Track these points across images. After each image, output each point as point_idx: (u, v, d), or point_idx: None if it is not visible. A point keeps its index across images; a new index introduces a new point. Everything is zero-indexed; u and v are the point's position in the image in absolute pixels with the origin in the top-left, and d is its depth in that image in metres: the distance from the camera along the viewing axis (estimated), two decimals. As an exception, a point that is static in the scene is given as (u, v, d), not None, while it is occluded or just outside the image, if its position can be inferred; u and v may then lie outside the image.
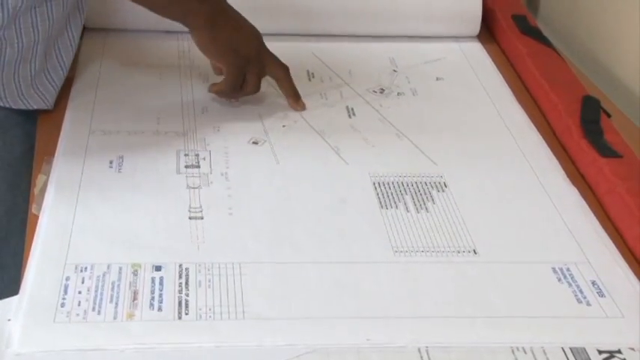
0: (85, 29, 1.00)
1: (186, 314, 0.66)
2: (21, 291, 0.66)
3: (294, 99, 0.91)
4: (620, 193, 0.79)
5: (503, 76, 1.01)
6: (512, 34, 1.05)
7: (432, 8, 1.04)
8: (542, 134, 0.90)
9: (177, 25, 0.90)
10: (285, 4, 1.02)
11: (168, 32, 0.99)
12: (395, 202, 0.78)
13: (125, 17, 1.00)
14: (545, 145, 0.89)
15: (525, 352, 0.64)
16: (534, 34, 1.05)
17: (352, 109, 0.93)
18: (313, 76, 0.98)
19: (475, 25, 1.06)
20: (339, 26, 1.04)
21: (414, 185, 0.81)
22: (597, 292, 0.70)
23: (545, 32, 1.07)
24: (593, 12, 1.09)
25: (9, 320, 0.64)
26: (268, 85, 0.95)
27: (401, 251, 0.73)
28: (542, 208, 0.79)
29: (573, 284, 0.71)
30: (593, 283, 0.71)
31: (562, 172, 0.84)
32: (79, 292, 0.66)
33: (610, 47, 1.05)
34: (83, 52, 0.96)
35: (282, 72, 0.90)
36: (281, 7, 1.02)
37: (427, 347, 0.64)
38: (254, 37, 0.88)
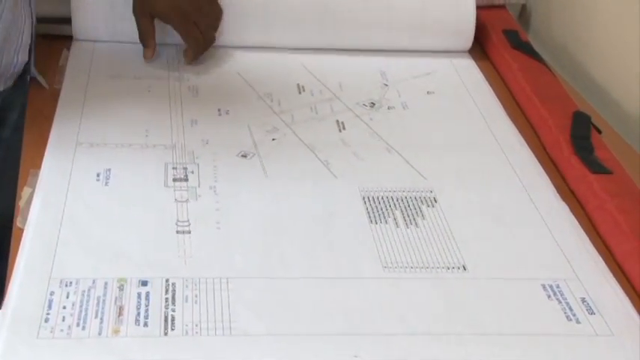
0: (73, 40, 1.00)
1: (173, 330, 0.65)
2: (4, 306, 0.66)
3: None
4: (609, 210, 0.79)
5: (494, 91, 1.02)
6: (503, 49, 1.06)
7: (425, 22, 1.04)
8: (532, 149, 0.91)
9: (166, 37, 0.90)
10: (275, 16, 1.02)
11: (157, 44, 1.00)
12: (384, 217, 0.79)
13: (113, 28, 1.00)
14: (535, 160, 0.89)
15: (515, 370, 0.64)
16: (525, 48, 1.05)
17: (342, 122, 0.93)
18: (303, 90, 0.98)
19: (467, 40, 1.06)
20: (330, 39, 1.04)
21: (404, 200, 0.81)
22: (587, 310, 0.71)
23: (537, 47, 1.07)
24: (585, 27, 1.10)
25: (-8, 335, 0.63)
26: (259, 98, 0.95)
27: (390, 267, 0.73)
28: (532, 224, 0.80)
29: (563, 301, 0.71)
30: (583, 300, 0.71)
31: (552, 187, 0.85)
32: (64, 307, 0.66)
33: (601, 62, 1.06)
34: (71, 64, 0.96)
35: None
36: (271, 19, 1.02)
37: (416, 364, 0.64)
38: None
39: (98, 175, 0.80)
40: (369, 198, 0.81)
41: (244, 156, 0.85)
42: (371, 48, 1.06)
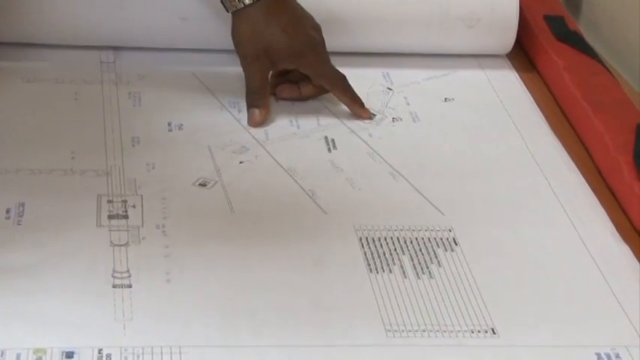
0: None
1: (108, 417, 0.66)
2: None
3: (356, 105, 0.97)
4: (685, 254, 0.81)
5: (533, 97, 1.03)
6: (544, 41, 1.07)
7: (448, 17, 1.05)
8: (583, 174, 0.92)
9: (99, 39, 0.92)
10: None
11: (87, 48, 1.02)
12: (388, 265, 0.79)
13: (35, 29, 1.02)
14: (587, 187, 0.90)
15: None
16: (574, 40, 1.07)
17: (332, 140, 0.94)
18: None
19: (507, 41, 1.06)
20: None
21: (414, 242, 0.82)
22: (657, 387, 0.72)
23: (589, 38, 1.09)
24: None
25: None
26: (222, 108, 0.97)
27: (396, 331, 0.74)
28: (583, 273, 0.81)
29: (624, 376, 0.72)
30: (652, 374, 0.73)
31: (610, 224, 0.86)
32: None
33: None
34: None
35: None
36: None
37: None
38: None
39: (8, 211, 0.81)
40: (367, 239, 0.82)
41: (203, 185, 0.86)
42: (377, 50, 1.07)
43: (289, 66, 0.98)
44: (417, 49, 1.08)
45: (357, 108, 0.98)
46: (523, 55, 1.10)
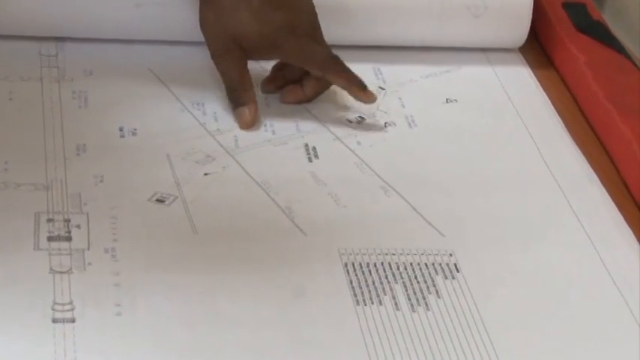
0: None
1: None
2: None
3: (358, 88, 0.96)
4: None
5: (549, 98, 1.03)
6: (563, 33, 1.07)
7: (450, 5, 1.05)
8: (607, 188, 0.92)
9: (38, 29, 0.93)
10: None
11: (24, 38, 1.01)
12: (378, 296, 0.79)
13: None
14: (612, 204, 0.90)
15: None
16: (597, 31, 1.07)
17: (314, 148, 0.94)
18: (254, 96, 1.00)
19: (521, 32, 1.07)
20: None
21: (409, 268, 0.82)
22: None
23: (615, 29, 1.09)
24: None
25: None
26: (183, 109, 0.97)
27: (387, 373, 0.74)
28: (608, 306, 0.80)
29: None
30: None
31: (638, 247, 0.86)
32: None
33: None
34: None
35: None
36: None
37: None
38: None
39: None
40: (354, 265, 0.81)
41: (161, 201, 0.86)
42: (366, 43, 1.07)
43: (266, 57, 0.98)
44: (414, 41, 1.08)
45: (357, 91, 0.97)
46: (538, 48, 1.11)
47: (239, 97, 0.96)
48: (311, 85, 0.98)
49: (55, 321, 0.74)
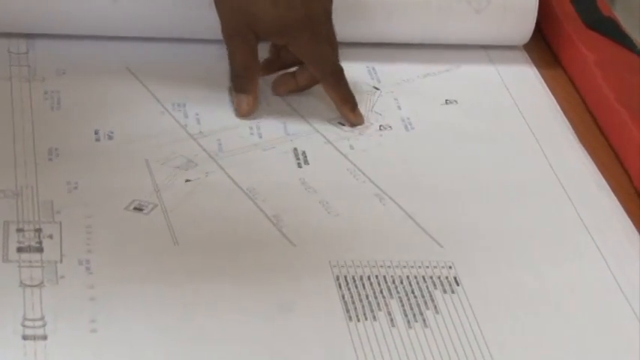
0: None
1: None
2: None
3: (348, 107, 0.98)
4: None
5: (556, 100, 1.03)
6: (571, 30, 1.07)
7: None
8: (618, 196, 0.92)
9: (7, 25, 0.94)
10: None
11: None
12: (372, 311, 0.79)
13: None
14: (623, 213, 0.90)
15: None
16: (608, 28, 1.07)
17: (304, 152, 0.94)
18: (239, 98, 1.00)
19: (526, 29, 1.07)
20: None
21: (405, 282, 0.81)
22: None
23: (627, 25, 1.09)
24: None
25: None
26: (163, 112, 0.96)
27: (382, 395, 0.73)
28: (620, 325, 0.80)
29: None
30: None
31: (655, 261, 0.86)
32: None
33: None
34: None
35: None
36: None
37: None
38: None
39: None
40: (346, 278, 0.81)
41: (139, 209, 0.86)
42: (360, 40, 1.07)
43: (277, 41, 0.98)
44: (411, 37, 1.08)
45: (347, 110, 0.98)
46: (544, 46, 1.11)
47: (242, 84, 0.97)
48: (305, 77, 0.99)
49: (25, 338, 0.74)
